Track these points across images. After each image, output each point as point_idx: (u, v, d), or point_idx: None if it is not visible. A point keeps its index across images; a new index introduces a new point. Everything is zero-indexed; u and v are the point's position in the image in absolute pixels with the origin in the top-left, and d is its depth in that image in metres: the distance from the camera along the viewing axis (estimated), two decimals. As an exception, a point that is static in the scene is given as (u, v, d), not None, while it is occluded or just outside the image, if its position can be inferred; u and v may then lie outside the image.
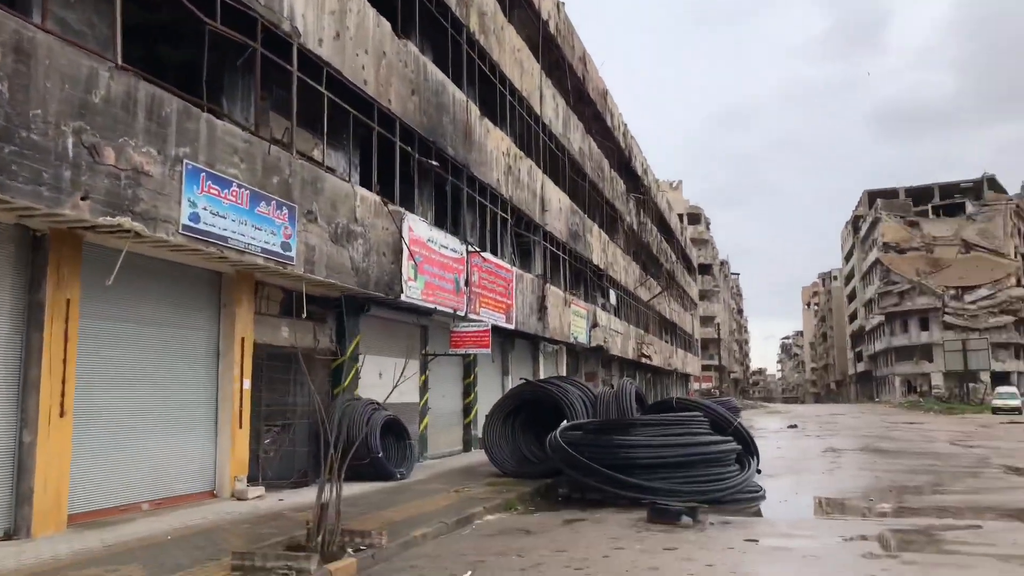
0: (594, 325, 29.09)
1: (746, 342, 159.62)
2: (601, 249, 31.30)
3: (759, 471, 12.36)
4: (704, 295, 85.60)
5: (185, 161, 9.15)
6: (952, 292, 76.63)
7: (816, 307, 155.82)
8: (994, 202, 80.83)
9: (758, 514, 10.62)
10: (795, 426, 33.18)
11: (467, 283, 17.20)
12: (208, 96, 10.44)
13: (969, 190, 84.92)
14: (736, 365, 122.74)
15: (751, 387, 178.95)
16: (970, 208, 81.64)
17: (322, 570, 6.37)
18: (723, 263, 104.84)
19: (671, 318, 52.49)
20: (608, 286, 33.14)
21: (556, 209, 25.10)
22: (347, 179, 13.53)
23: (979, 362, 63.57)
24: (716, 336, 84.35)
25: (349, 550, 7.13)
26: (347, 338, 14.39)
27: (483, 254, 18.17)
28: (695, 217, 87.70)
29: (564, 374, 28.23)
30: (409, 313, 16.15)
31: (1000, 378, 68.62)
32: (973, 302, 75.85)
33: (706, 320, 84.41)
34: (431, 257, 15.63)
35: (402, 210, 14.70)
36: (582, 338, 27.35)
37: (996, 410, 45.99)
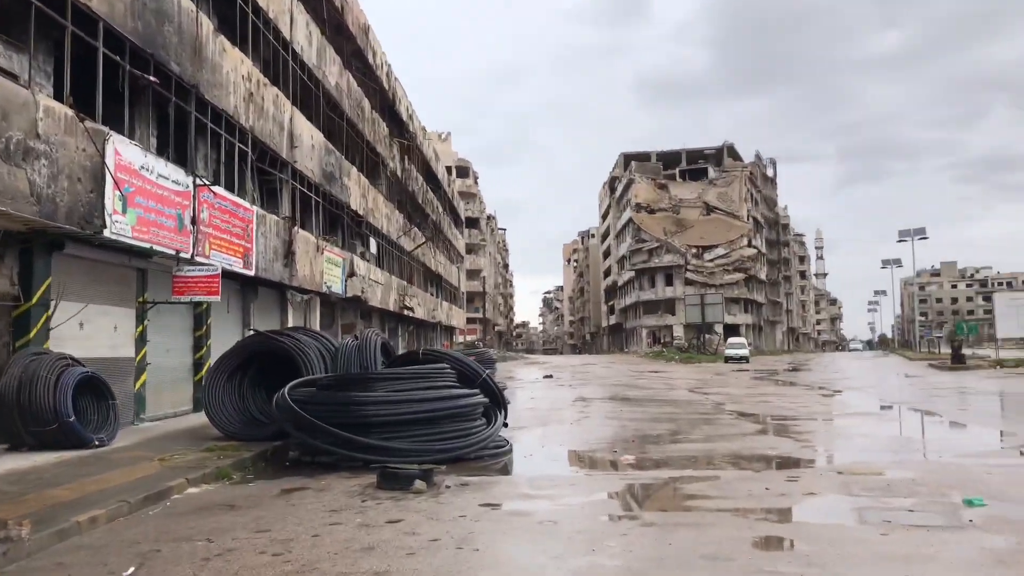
0: (351, 274, 27.55)
1: (511, 296, 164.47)
2: (361, 194, 29.66)
3: (506, 424, 11.72)
4: (471, 248, 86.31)
5: None
6: (694, 251, 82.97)
7: (575, 263, 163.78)
8: (732, 168, 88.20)
9: (505, 471, 9.96)
10: (550, 376, 33.88)
11: (194, 221, 15.06)
12: None
13: (711, 156, 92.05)
14: (501, 318, 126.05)
15: (515, 339, 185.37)
16: (712, 173, 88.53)
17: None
18: (490, 217, 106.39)
19: (437, 270, 51.97)
20: (368, 234, 31.64)
21: (308, 146, 23.14)
22: (26, 85, 11.00)
23: (714, 315, 69.47)
24: (482, 290, 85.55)
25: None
26: (35, 281, 11.94)
27: (214, 188, 16.03)
28: (463, 170, 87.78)
29: (317, 326, 26.56)
30: (121, 253, 13.79)
31: (731, 330, 75.51)
32: (711, 260, 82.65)
33: (472, 273, 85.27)
34: (147, 189, 13.37)
35: (106, 129, 12.31)
36: (337, 288, 25.76)
37: (728, 359, 50.30)
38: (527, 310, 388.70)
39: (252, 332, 14.33)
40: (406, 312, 38.66)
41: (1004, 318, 34.44)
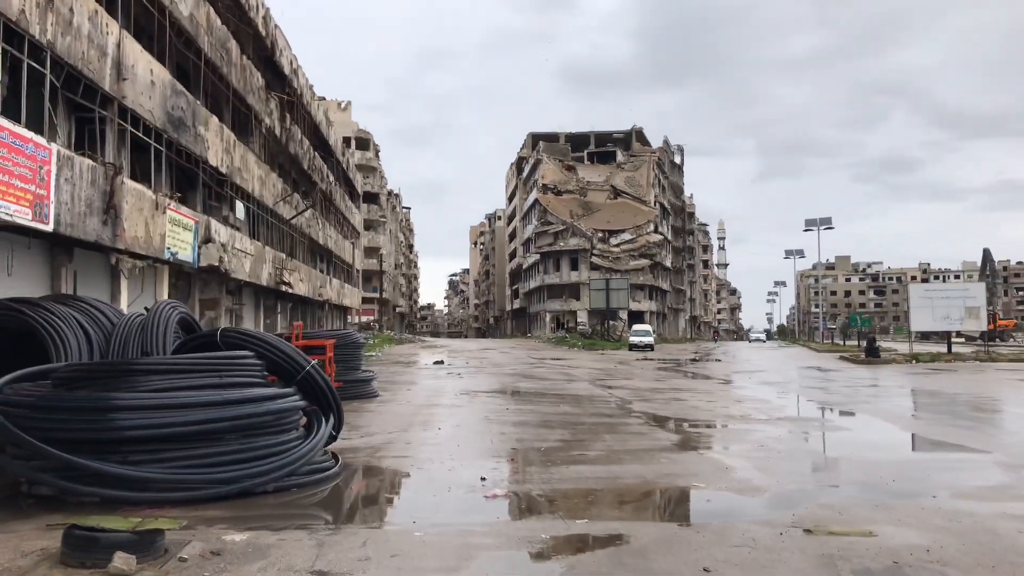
0: (207, 240, 23.57)
1: (416, 277, 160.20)
2: (224, 149, 25.61)
3: (334, 437, 8.44)
4: (369, 225, 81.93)
5: None
6: (600, 235, 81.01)
7: (482, 246, 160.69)
8: (640, 153, 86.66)
9: (314, 514, 6.72)
10: (441, 362, 30.66)
11: (-63, 150, 11.13)
12: None
13: (620, 140, 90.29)
14: (403, 300, 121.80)
15: (419, 322, 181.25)
16: (620, 157, 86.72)
17: None
18: (392, 194, 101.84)
19: (326, 244, 47.81)
20: (234, 196, 27.58)
21: (145, 82, 19.09)
22: None
23: (619, 301, 67.51)
24: (380, 268, 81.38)
25: None
26: None
27: (-23, 111, 12.11)
28: (364, 142, 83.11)
29: (166, 299, 22.56)
30: None
31: (635, 316, 74.00)
32: (617, 245, 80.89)
33: (371, 251, 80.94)
34: None
35: None
36: (185, 255, 21.79)
37: (632, 346, 48.15)
38: (438, 293, 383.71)
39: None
40: (284, 288, 34.68)
41: (918, 310, 33.08)
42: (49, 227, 14.41)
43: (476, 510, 6.55)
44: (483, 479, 7.70)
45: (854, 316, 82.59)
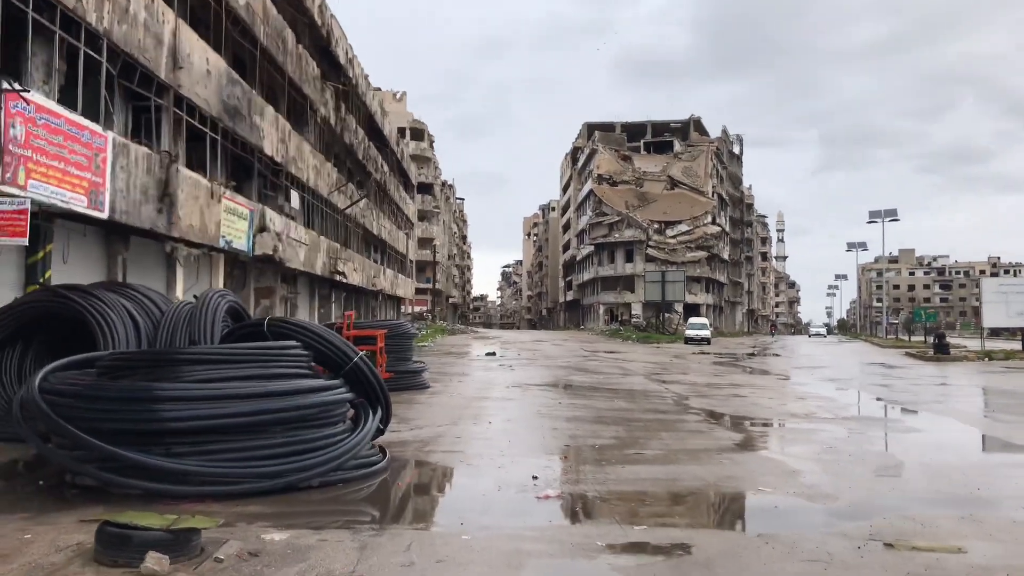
0: (262, 229, 23.68)
1: (468, 268, 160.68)
2: (280, 139, 25.70)
3: (381, 431, 8.19)
4: (423, 216, 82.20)
5: None
6: (656, 226, 79.91)
7: (535, 237, 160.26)
8: (698, 143, 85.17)
9: (359, 511, 6.47)
10: (493, 353, 30.41)
11: (-5, 137, 11.19)
12: None
13: (678, 130, 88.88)
14: (456, 290, 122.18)
15: (472, 312, 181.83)
16: (677, 147, 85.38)
17: None
18: (446, 184, 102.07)
19: (380, 234, 47.99)
20: (289, 185, 27.69)
21: (202, 71, 19.15)
22: None
23: (675, 293, 66.47)
24: (433, 259, 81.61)
25: None
26: None
27: (34, 99, 12.14)
28: (418, 132, 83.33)
29: (216, 288, 22.75)
30: None
31: (691, 309, 72.86)
32: (674, 236, 79.69)
33: (424, 242, 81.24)
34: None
35: None
36: (240, 244, 21.91)
37: (688, 340, 47.30)
38: (491, 285, 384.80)
39: (39, 288, 10.55)
40: (338, 277, 34.82)
41: (991, 305, 31.60)
42: (104, 215, 14.50)
43: (527, 512, 6.20)
44: (535, 478, 7.36)
45: (918, 311, 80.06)
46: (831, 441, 9.84)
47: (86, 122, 13.81)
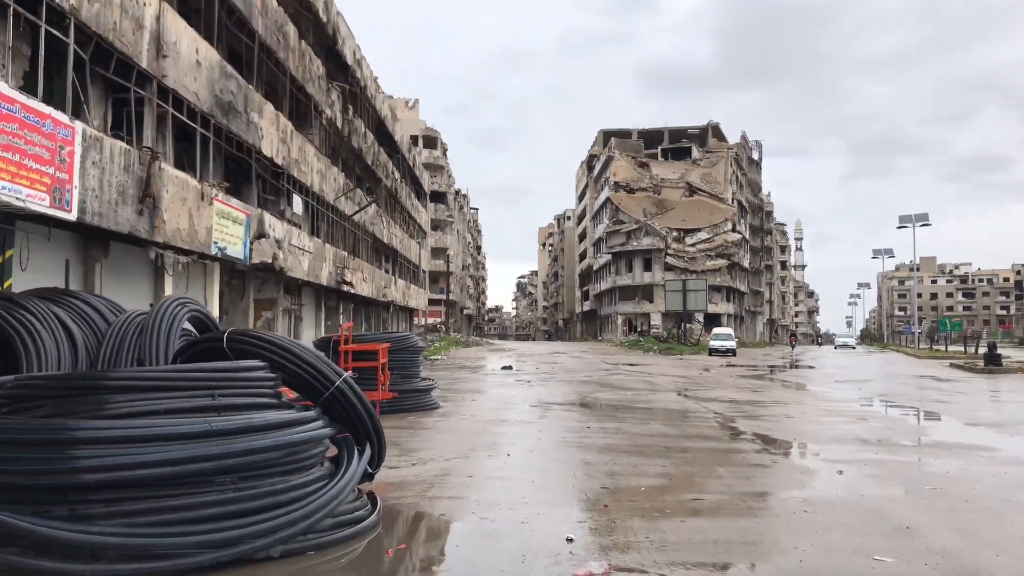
0: (260, 235, 22.03)
1: (483, 279, 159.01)
2: (280, 139, 24.08)
3: (370, 474, 6.42)
4: (436, 225, 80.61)
5: None
6: (675, 234, 77.94)
7: (550, 247, 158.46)
8: (717, 149, 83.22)
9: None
10: (509, 367, 28.58)
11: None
12: None
13: (696, 136, 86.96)
14: (470, 301, 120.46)
15: (487, 324, 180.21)
16: (695, 153, 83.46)
17: None
18: (459, 193, 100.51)
19: (391, 243, 46.32)
20: (292, 190, 26.05)
21: (191, 62, 17.54)
22: None
23: (697, 302, 64.38)
24: (447, 269, 79.95)
25: None
26: None
27: (-22, 79, 10.52)
28: (431, 140, 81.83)
29: (215, 302, 21.13)
30: None
31: (712, 319, 70.78)
32: (693, 244, 77.68)
33: (438, 252, 79.62)
34: None
35: None
36: (235, 251, 20.24)
37: (713, 351, 45.30)
38: (506, 296, 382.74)
39: None
40: (346, 288, 33.15)
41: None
42: (72, 215, 12.84)
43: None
44: (570, 540, 5.56)
45: (943, 320, 77.69)
46: (931, 479, 7.98)
47: (48, 109, 12.16)
